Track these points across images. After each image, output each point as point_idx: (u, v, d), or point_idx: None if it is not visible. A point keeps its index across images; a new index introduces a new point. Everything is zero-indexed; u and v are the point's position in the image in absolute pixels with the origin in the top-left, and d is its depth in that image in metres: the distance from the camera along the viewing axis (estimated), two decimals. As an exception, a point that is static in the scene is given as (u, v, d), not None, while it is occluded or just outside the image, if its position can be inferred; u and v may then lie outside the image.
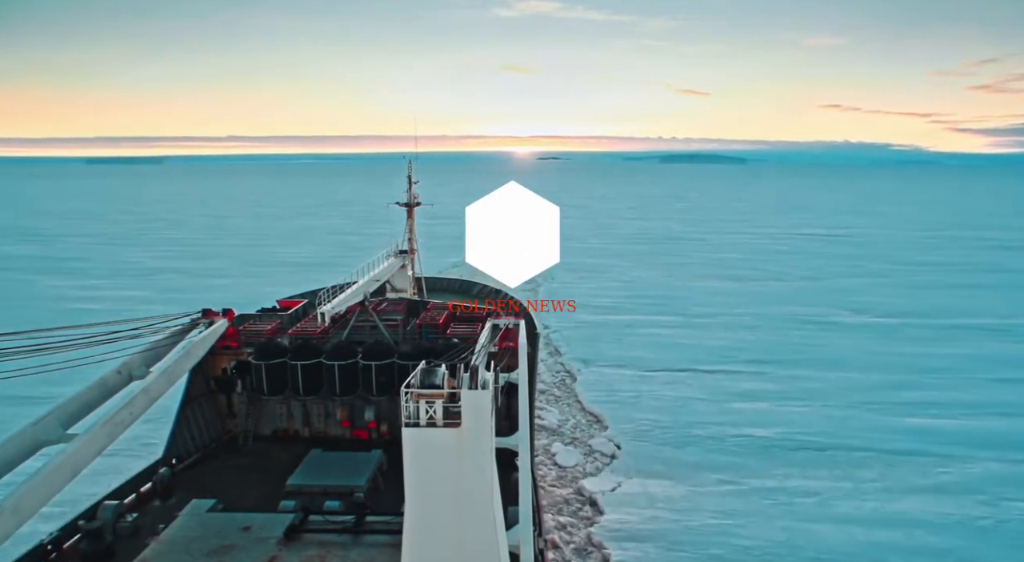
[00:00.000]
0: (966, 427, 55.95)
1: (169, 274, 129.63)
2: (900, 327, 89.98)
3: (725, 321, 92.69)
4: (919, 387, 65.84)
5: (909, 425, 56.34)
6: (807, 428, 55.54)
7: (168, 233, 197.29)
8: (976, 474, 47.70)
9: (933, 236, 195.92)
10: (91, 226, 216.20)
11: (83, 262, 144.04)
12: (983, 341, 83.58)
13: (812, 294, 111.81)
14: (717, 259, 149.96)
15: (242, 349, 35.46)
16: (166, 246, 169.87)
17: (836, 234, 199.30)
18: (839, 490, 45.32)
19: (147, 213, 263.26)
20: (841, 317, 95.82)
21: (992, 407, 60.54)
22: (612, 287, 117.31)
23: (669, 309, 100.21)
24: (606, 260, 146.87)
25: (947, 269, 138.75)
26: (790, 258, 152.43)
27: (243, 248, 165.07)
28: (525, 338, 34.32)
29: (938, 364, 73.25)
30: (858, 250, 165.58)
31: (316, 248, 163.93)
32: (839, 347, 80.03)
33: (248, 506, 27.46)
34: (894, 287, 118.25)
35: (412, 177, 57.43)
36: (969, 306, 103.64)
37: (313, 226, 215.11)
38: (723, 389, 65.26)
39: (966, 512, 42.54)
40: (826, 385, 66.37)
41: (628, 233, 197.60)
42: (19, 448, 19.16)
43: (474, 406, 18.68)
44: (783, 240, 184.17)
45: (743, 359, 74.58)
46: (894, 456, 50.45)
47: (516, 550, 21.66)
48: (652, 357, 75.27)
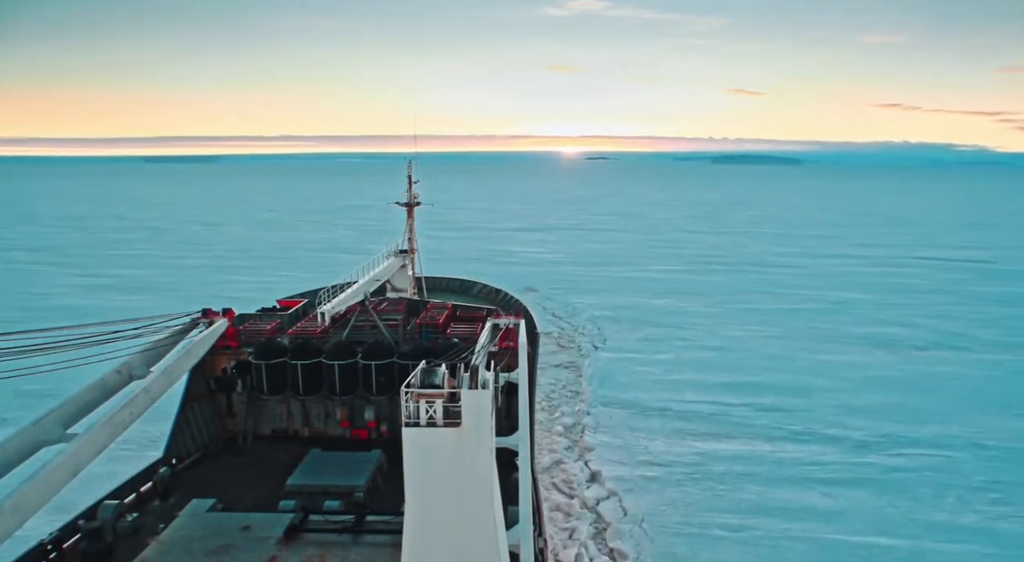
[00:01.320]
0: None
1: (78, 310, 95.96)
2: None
3: (933, 463, 50.44)
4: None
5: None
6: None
7: (136, 246, 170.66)
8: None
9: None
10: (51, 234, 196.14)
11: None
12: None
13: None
14: (834, 302, 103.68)
15: (242, 349, 35.47)
16: (110, 266, 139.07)
17: (973, 260, 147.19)
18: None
19: (139, 219, 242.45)
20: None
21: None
22: (698, 363, 73.39)
23: (813, 422, 57.85)
24: (679, 302, 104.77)
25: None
26: (942, 301, 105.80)
27: (200, 270, 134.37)
28: (525, 338, 34.36)
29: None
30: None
31: (286, 273, 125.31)
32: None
33: (248, 506, 27.46)
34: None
35: (412, 177, 57.49)
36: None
37: (307, 240, 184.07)
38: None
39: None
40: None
41: (697, 254, 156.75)
42: (19, 448, 19.16)
43: (474, 406, 18.68)
44: (907, 268, 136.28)
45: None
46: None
47: (516, 550, 21.67)
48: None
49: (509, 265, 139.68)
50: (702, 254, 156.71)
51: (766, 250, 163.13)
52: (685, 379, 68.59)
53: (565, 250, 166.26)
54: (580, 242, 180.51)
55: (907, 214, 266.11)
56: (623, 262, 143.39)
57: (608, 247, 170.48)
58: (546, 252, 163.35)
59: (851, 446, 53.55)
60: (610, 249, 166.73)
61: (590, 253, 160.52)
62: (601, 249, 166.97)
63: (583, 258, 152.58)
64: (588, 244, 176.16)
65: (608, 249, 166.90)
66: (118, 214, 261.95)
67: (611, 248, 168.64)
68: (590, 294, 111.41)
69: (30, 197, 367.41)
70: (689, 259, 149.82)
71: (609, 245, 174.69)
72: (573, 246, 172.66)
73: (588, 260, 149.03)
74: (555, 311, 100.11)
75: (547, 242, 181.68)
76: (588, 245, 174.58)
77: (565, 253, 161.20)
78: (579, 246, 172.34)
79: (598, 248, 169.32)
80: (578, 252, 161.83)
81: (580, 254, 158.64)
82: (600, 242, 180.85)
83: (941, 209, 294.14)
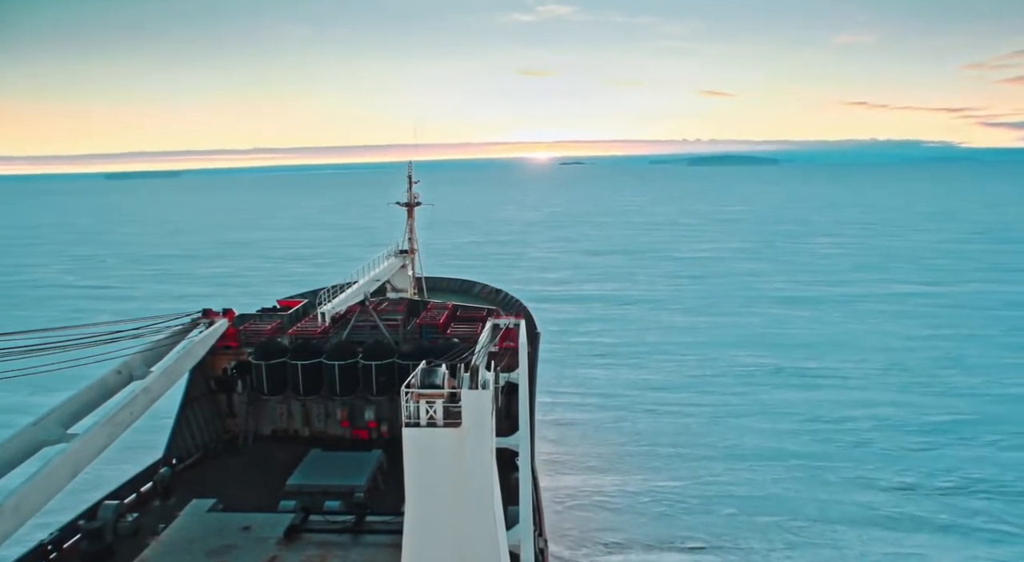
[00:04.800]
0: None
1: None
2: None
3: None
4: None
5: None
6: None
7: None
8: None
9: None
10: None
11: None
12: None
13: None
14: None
15: (242, 349, 35.48)
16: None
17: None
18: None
19: (47, 237, 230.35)
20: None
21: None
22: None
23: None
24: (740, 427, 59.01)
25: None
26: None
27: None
28: (525, 338, 34.33)
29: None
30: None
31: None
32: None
33: (248, 506, 27.44)
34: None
35: (412, 177, 57.50)
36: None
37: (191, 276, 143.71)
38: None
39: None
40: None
41: (731, 307, 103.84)
42: (19, 448, 19.16)
43: (474, 406, 18.67)
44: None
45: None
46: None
47: (516, 550, 21.65)
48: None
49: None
50: (736, 306, 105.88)
51: (823, 292, 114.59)
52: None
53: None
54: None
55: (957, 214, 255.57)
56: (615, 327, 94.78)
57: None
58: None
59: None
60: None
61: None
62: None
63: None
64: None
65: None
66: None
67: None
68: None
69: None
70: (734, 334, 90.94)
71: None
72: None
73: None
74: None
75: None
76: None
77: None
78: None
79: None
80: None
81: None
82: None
83: (969, 209, 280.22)
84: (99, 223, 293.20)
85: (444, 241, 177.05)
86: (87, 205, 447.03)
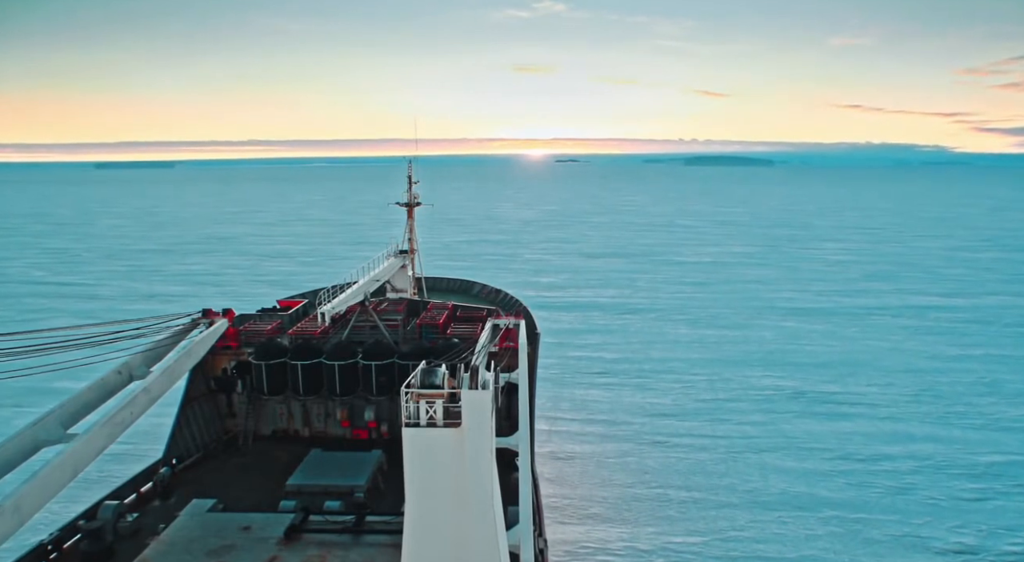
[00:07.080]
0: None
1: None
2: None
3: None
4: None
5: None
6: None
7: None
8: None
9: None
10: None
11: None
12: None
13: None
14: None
15: (242, 349, 35.47)
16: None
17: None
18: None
19: (21, 228, 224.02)
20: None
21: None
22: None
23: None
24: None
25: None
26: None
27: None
28: (525, 338, 34.31)
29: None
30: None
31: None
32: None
33: (248, 506, 27.46)
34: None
35: (412, 177, 57.37)
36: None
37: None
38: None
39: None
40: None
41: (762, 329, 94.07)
42: (19, 448, 19.16)
43: (474, 406, 18.68)
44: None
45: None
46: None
47: (516, 550, 21.65)
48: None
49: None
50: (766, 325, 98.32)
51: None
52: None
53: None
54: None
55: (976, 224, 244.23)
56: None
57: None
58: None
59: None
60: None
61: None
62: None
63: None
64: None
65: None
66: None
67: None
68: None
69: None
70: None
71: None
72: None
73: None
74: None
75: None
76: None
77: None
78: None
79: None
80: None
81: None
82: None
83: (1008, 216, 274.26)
84: (79, 214, 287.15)
85: (435, 241, 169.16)
86: (71, 195, 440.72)
